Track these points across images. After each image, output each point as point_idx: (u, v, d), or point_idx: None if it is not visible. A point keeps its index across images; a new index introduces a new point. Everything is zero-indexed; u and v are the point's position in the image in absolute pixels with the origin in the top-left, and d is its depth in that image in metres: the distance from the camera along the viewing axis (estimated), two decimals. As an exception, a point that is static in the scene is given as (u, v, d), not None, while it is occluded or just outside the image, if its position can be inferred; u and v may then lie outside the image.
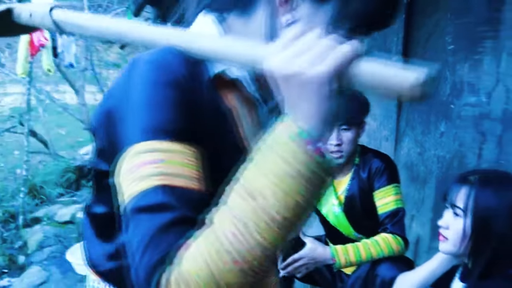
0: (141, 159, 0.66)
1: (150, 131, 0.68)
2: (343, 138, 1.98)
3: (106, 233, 0.89)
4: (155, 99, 0.69)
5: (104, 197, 0.83)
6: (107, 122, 0.75)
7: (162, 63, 0.72)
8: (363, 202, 2.07)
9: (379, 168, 2.02)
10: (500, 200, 1.29)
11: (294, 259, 1.96)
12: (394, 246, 1.90)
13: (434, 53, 2.69)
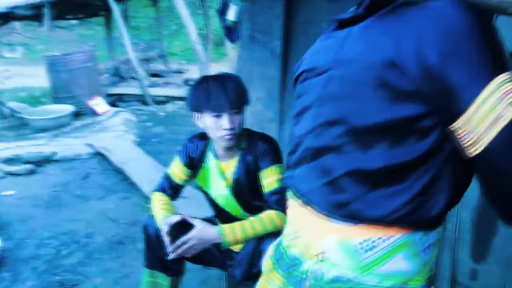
0: (504, 89, 0.77)
1: (499, 67, 0.79)
2: (234, 122, 2.05)
3: (390, 182, 0.86)
4: (492, 41, 0.80)
5: (403, 145, 0.85)
6: (430, 66, 0.80)
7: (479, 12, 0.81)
8: (250, 183, 2.16)
9: (264, 150, 2.12)
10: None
11: (183, 241, 2.00)
12: (277, 222, 2.01)
13: (312, 39, 2.83)
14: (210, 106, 2.01)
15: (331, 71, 0.94)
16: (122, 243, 3.20)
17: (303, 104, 1.01)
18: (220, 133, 2.05)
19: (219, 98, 2.00)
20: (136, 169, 4.35)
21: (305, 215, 0.96)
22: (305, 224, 0.96)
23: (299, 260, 0.97)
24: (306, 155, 0.96)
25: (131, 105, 7.81)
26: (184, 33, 14.89)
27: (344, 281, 0.90)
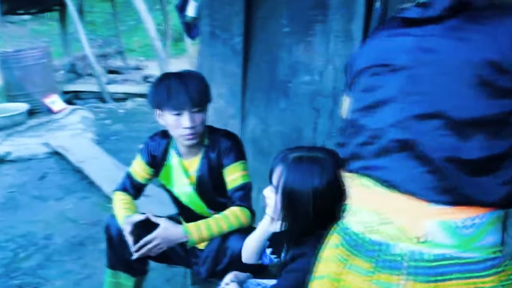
0: None
1: None
2: (196, 120, 2.03)
3: (489, 169, 0.95)
4: None
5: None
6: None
7: None
8: (213, 180, 2.16)
9: (227, 147, 2.13)
10: (304, 184, 1.41)
11: (146, 241, 1.98)
12: (242, 219, 2.02)
13: (272, 35, 2.86)
14: (170, 104, 1.99)
15: (415, 69, 1.02)
16: (82, 244, 3.14)
17: (378, 97, 1.08)
18: (181, 131, 2.03)
19: (179, 96, 1.98)
20: (95, 168, 4.26)
21: (398, 202, 1.01)
22: (399, 209, 1.01)
23: (386, 244, 1.02)
24: (392, 146, 1.03)
25: (89, 103, 7.64)
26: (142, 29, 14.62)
27: (445, 259, 0.98)
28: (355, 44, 2.47)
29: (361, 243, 1.07)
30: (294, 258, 1.46)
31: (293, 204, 1.44)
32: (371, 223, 1.06)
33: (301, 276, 1.41)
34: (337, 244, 1.14)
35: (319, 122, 2.67)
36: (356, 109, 1.13)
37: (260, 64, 2.94)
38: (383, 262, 1.02)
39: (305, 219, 1.44)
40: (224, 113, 3.16)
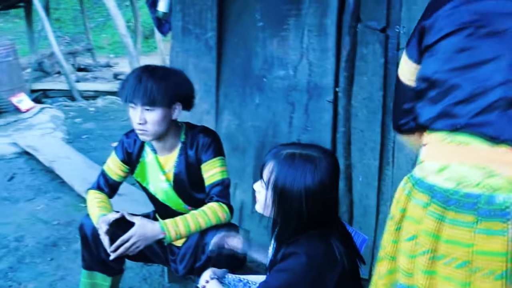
0: None
1: None
2: (146, 118, 1.98)
3: None
4: None
5: None
6: None
7: None
8: (191, 176, 2.13)
9: (205, 143, 2.10)
10: (295, 181, 1.39)
11: (123, 240, 1.94)
12: (220, 214, 2.01)
13: (246, 30, 2.85)
14: (123, 94, 1.98)
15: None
16: (56, 245, 3.07)
17: (477, 58, 1.15)
18: (134, 126, 2.02)
19: (132, 89, 1.95)
20: (67, 168, 4.17)
21: (505, 155, 1.11)
22: (507, 162, 1.11)
23: (487, 195, 1.10)
24: (500, 104, 1.12)
25: (58, 101, 7.48)
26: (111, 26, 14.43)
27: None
28: (329, 38, 2.49)
29: (455, 198, 1.13)
30: (285, 257, 1.44)
31: (284, 202, 1.43)
32: (469, 178, 1.13)
33: (291, 276, 1.40)
34: (426, 203, 1.18)
35: (294, 116, 2.68)
36: (446, 70, 1.19)
37: (234, 59, 2.92)
38: (487, 212, 1.09)
39: (297, 217, 1.41)
40: (198, 109, 3.13)
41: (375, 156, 2.47)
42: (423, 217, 1.18)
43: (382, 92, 2.38)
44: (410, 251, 1.22)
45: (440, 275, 1.16)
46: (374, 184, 2.49)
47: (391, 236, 1.29)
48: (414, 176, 1.25)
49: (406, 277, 1.24)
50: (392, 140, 2.41)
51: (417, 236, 1.19)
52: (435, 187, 1.17)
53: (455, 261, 1.13)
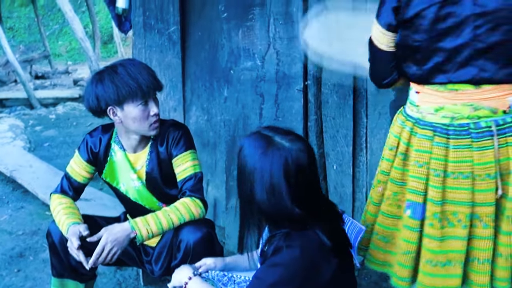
0: None
1: None
2: (158, 106, 1.99)
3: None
4: None
5: None
6: None
7: None
8: (164, 173, 2.05)
9: (176, 136, 2.03)
10: (260, 178, 1.35)
11: (98, 253, 1.84)
12: (194, 210, 1.93)
13: (210, 22, 2.79)
14: (137, 95, 1.88)
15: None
16: (22, 255, 2.93)
17: (450, 24, 1.46)
18: (149, 121, 1.95)
19: (143, 84, 1.89)
20: (30, 176, 4.00)
21: (488, 92, 1.47)
22: (488, 96, 1.47)
23: (474, 123, 1.48)
24: (473, 56, 1.45)
25: (16, 110, 7.24)
26: (67, 33, 14.14)
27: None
28: (295, 26, 2.45)
29: (452, 129, 1.50)
30: (277, 250, 1.38)
31: (249, 199, 1.39)
32: (461, 113, 1.49)
33: (285, 271, 1.35)
34: (430, 136, 1.54)
35: (264, 107, 2.63)
36: (427, 38, 1.48)
37: (199, 52, 2.86)
38: (477, 135, 1.48)
39: (267, 211, 1.37)
40: (165, 106, 3.05)
41: (348, 143, 2.45)
42: (432, 147, 1.53)
43: (352, 76, 2.36)
44: (422, 175, 1.55)
45: (450, 187, 1.52)
46: (349, 172, 2.47)
47: (396, 164, 1.62)
48: (412, 116, 1.59)
49: (416, 195, 1.57)
50: (365, 125, 2.40)
51: (429, 163, 1.53)
52: (434, 123, 1.53)
53: (461, 174, 1.50)
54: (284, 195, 1.34)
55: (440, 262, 1.56)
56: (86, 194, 3.32)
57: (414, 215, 1.58)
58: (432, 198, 1.53)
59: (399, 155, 1.61)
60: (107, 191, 3.66)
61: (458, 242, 1.54)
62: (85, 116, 6.63)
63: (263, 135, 1.40)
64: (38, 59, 10.21)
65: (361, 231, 1.51)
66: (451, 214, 1.53)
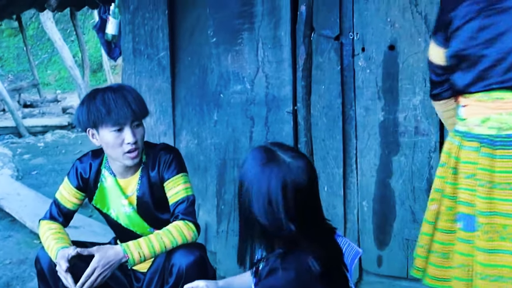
0: None
1: None
2: (137, 135, 1.93)
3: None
4: None
5: None
6: None
7: None
8: (156, 197, 2.03)
9: (167, 160, 2.02)
10: (257, 192, 1.33)
11: (88, 275, 1.80)
12: (186, 233, 1.91)
13: (199, 47, 2.81)
14: (110, 120, 1.86)
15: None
16: (9, 285, 2.88)
17: (495, 32, 1.52)
18: (124, 148, 1.91)
19: (120, 109, 1.87)
20: (17, 205, 3.96)
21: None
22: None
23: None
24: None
25: (4, 139, 7.21)
26: (56, 62, 14.16)
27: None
28: (284, 49, 2.48)
29: (499, 139, 1.53)
30: (272, 272, 1.36)
31: (249, 217, 1.37)
32: (508, 122, 1.52)
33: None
34: (477, 147, 1.57)
35: (254, 130, 2.64)
36: (473, 45, 1.55)
37: (189, 77, 2.88)
38: (500, 143, 1.52)
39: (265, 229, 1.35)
40: (155, 131, 3.05)
41: (338, 164, 2.45)
42: (478, 158, 1.55)
43: (341, 99, 2.38)
44: (470, 186, 1.58)
45: (498, 199, 1.52)
46: (340, 193, 2.47)
47: (448, 179, 1.66)
48: (460, 130, 1.65)
49: (466, 207, 1.59)
50: (354, 147, 2.41)
51: (475, 174, 1.55)
52: (481, 135, 1.56)
53: (509, 185, 1.50)
54: (280, 210, 1.31)
55: (489, 275, 1.53)
56: (75, 221, 3.29)
57: (466, 227, 1.60)
58: (479, 209, 1.54)
59: (449, 169, 1.65)
60: (96, 217, 3.62)
61: (509, 257, 1.51)
62: (74, 144, 6.61)
63: (267, 149, 1.39)
64: (26, 87, 10.19)
65: (358, 254, 1.49)
66: (501, 227, 1.52)
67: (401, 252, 2.37)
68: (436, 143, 2.20)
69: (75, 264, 1.88)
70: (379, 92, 2.31)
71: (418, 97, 2.22)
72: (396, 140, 2.30)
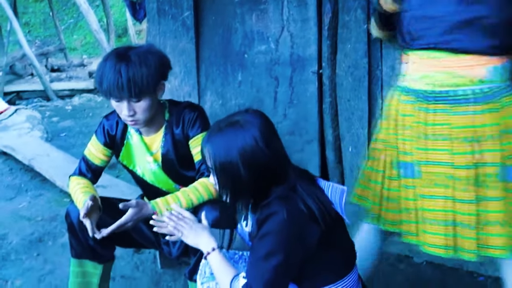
0: None
1: None
2: (135, 109, 1.91)
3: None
4: None
5: None
6: None
7: None
8: (180, 155, 2.05)
9: (191, 118, 2.03)
10: (229, 150, 1.39)
11: (119, 226, 1.85)
12: (212, 189, 1.93)
13: (223, 6, 2.78)
14: (103, 91, 1.86)
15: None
16: (41, 240, 2.98)
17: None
18: (123, 117, 1.93)
19: (112, 83, 1.82)
20: (47, 165, 4.05)
21: (465, 61, 1.59)
22: (467, 65, 1.59)
23: (453, 90, 1.61)
24: (456, 26, 1.58)
25: (33, 102, 7.33)
26: (82, 27, 14.22)
27: (494, 87, 1.59)
28: (309, 7, 2.44)
29: (433, 95, 1.64)
30: (263, 222, 1.40)
31: (227, 174, 1.41)
32: (441, 80, 1.62)
33: (275, 237, 1.36)
34: (413, 101, 1.68)
35: (278, 91, 2.63)
36: (416, 6, 1.65)
37: (213, 37, 2.86)
38: (455, 101, 1.61)
39: (250, 182, 1.40)
40: (180, 92, 3.07)
41: (363, 125, 2.44)
42: (414, 111, 1.67)
43: (367, 58, 2.34)
44: (408, 137, 1.70)
45: (431, 149, 1.65)
46: (365, 154, 2.46)
47: (390, 130, 1.76)
48: (401, 85, 1.74)
49: (405, 156, 1.72)
50: (380, 107, 2.39)
51: (412, 126, 1.68)
52: (418, 90, 1.67)
53: (440, 136, 1.63)
54: (262, 158, 1.40)
55: (429, 219, 1.66)
56: (104, 181, 3.37)
57: (406, 174, 1.73)
58: (417, 159, 1.69)
59: (391, 121, 1.77)
60: (123, 178, 3.69)
61: (440, 202, 1.65)
62: (100, 107, 6.69)
63: (215, 128, 1.46)
64: (53, 52, 10.29)
65: (344, 191, 1.52)
66: (434, 175, 1.66)
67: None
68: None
69: (101, 217, 1.94)
70: (406, 50, 2.26)
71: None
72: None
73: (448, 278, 2.36)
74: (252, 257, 1.41)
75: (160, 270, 2.57)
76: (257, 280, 1.37)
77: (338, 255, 1.50)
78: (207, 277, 1.59)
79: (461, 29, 1.58)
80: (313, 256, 1.42)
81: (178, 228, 1.61)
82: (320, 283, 1.47)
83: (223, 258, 1.52)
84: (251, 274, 1.39)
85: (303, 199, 1.40)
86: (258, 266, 1.38)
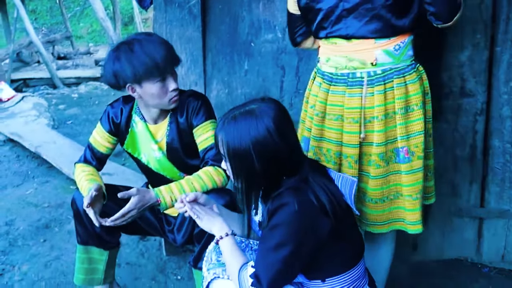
0: None
1: None
2: (177, 80, 2.00)
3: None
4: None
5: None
6: None
7: None
8: (185, 143, 2.07)
9: (195, 106, 2.04)
10: (242, 139, 1.40)
11: (123, 214, 1.86)
12: (216, 178, 1.95)
13: (231, -6, 2.77)
14: (157, 71, 1.88)
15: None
16: (48, 226, 3.01)
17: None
18: (168, 96, 1.96)
19: (161, 61, 1.88)
20: (54, 152, 4.08)
21: (357, 45, 1.73)
22: (358, 50, 1.73)
23: (351, 73, 1.75)
24: (343, 14, 1.72)
25: (39, 90, 7.35)
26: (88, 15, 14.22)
27: (388, 70, 1.73)
28: (316, -4, 2.42)
29: (335, 77, 1.81)
30: (274, 212, 1.41)
31: (240, 163, 1.43)
32: (341, 64, 1.78)
33: (286, 228, 1.37)
34: (320, 82, 1.87)
35: (285, 80, 2.62)
36: (311, 0, 1.78)
37: (219, 26, 2.85)
38: (352, 83, 1.76)
39: (257, 172, 1.42)
40: (186, 81, 3.06)
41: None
42: (318, 91, 1.86)
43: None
44: (310, 115, 1.89)
45: (326, 127, 1.84)
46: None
47: (303, 106, 1.96)
48: (316, 67, 1.93)
49: (307, 132, 1.92)
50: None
51: (315, 105, 1.86)
52: (325, 72, 1.84)
53: (334, 116, 1.81)
54: (275, 149, 1.41)
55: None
56: (109, 169, 3.39)
57: (304, 147, 1.89)
58: (313, 134, 1.87)
59: (306, 103, 1.95)
60: (129, 166, 3.72)
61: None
62: (107, 95, 6.71)
63: (229, 116, 1.46)
64: (60, 40, 10.31)
65: (354, 183, 1.52)
66: (326, 151, 1.85)
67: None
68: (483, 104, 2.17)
69: (107, 204, 1.95)
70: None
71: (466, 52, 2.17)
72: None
73: (452, 270, 2.36)
74: (262, 247, 1.42)
75: (165, 257, 2.59)
76: (265, 270, 1.38)
77: (347, 246, 1.51)
78: (213, 264, 1.60)
79: (348, 16, 1.71)
80: (323, 247, 1.43)
81: (194, 212, 1.62)
82: (327, 274, 1.48)
83: (235, 244, 1.53)
84: (260, 264, 1.40)
85: (314, 191, 1.40)
86: (267, 256, 1.39)
